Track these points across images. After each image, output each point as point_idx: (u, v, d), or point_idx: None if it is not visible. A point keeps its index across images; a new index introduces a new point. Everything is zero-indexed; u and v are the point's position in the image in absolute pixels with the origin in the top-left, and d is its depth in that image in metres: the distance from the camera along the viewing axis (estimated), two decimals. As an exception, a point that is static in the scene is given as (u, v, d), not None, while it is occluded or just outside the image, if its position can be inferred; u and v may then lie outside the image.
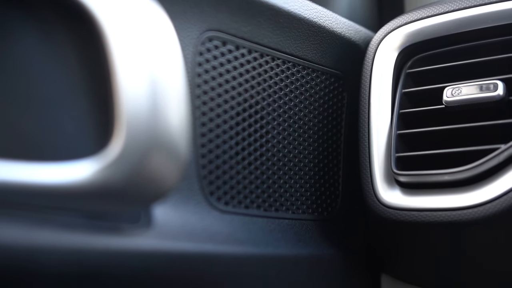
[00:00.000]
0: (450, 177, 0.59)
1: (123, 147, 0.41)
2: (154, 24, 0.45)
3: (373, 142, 0.65)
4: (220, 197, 0.57)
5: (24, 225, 0.40)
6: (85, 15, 0.42)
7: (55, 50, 0.44)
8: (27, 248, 0.40)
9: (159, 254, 0.48)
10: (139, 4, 0.46)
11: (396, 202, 0.62)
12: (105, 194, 0.41)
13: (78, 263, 0.42)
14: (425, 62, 0.67)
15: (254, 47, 0.61)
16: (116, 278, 0.45)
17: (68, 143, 0.43)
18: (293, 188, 0.65)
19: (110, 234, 0.45)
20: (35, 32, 0.43)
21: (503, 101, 0.59)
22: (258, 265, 0.57)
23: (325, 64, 0.69)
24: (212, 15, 0.56)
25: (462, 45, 0.65)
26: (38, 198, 0.40)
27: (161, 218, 0.50)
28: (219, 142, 0.57)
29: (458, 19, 0.65)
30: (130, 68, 0.42)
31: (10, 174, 0.38)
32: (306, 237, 0.64)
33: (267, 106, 0.62)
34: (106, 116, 0.42)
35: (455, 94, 0.61)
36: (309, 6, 0.66)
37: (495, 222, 0.56)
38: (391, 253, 0.70)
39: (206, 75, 0.56)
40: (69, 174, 0.40)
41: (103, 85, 0.42)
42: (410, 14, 0.70)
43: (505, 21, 0.62)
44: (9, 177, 0.38)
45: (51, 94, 0.43)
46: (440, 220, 0.59)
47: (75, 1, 0.41)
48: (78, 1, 0.41)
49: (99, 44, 0.42)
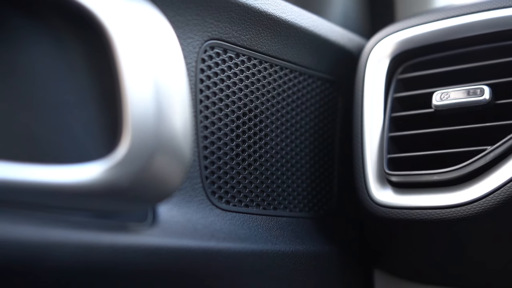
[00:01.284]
0: (439, 177, 0.59)
1: (130, 150, 0.41)
2: (159, 33, 0.46)
3: (366, 144, 0.65)
4: (222, 196, 0.57)
5: (38, 224, 0.40)
6: (94, 24, 0.42)
7: (66, 58, 0.44)
8: (41, 244, 0.40)
9: (164, 250, 0.48)
10: (144, 14, 0.46)
11: (388, 201, 0.62)
12: (112, 193, 0.41)
13: (88, 259, 0.42)
14: (415, 68, 0.67)
15: (254, 54, 0.61)
16: (123, 272, 0.45)
17: (77, 146, 0.43)
18: (291, 187, 0.65)
19: (118, 231, 0.45)
20: (47, 41, 0.43)
21: (490, 105, 0.59)
22: (257, 261, 0.57)
23: (320, 70, 0.69)
24: (214, 25, 0.56)
25: (450, 52, 0.65)
26: (50, 198, 0.40)
27: (166, 216, 0.50)
28: (221, 144, 0.57)
29: (446, 27, 0.65)
30: (136, 74, 0.42)
31: (24, 176, 0.38)
32: (303, 234, 0.64)
33: (265, 110, 0.62)
34: (114, 120, 0.42)
35: (443, 99, 0.61)
36: (305, 15, 0.66)
37: (481, 219, 0.56)
38: (383, 248, 0.70)
39: (208, 81, 0.57)
40: (79, 175, 0.40)
41: (110, 91, 0.42)
42: (401, 23, 0.70)
43: (490, 29, 0.62)
44: (23, 179, 0.38)
45: (62, 99, 0.43)
46: (430, 217, 0.59)
47: (85, 11, 0.42)
48: (88, 12, 0.42)
49: (108, 52, 0.42)
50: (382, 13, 0.93)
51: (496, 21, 0.62)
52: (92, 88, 0.44)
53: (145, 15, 0.46)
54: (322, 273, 0.67)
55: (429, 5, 0.90)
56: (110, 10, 0.42)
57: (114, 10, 0.43)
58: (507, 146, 0.56)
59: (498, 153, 0.56)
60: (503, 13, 0.62)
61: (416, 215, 0.60)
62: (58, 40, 0.44)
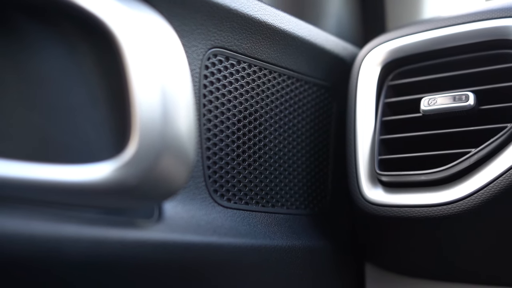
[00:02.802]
0: (427, 177, 0.59)
1: (138, 150, 0.41)
2: (165, 41, 0.46)
3: (359, 146, 0.65)
4: (223, 194, 0.57)
5: (52, 220, 0.40)
6: (105, 33, 0.42)
7: (78, 63, 0.44)
8: (55, 239, 0.40)
9: (169, 245, 0.48)
10: (152, 23, 0.46)
11: (379, 199, 0.62)
12: (121, 191, 0.41)
13: (98, 252, 0.42)
14: (405, 75, 0.67)
15: (254, 62, 0.61)
16: (131, 265, 0.45)
17: (88, 146, 0.43)
18: (288, 186, 0.65)
19: (126, 227, 0.45)
20: (60, 47, 0.43)
21: (474, 110, 0.59)
22: (256, 255, 0.57)
23: (316, 76, 0.69)
24: (217, 34, 0.56)
25: (437, 61, 0.65)
26: (63, 196, 0.40)
27: (171, 213, 0.50)
28: (222, 145, 0.57)
29: (433, 37, 0.65)
30: (144, 80, 0.42)
31: (39, 175, 0.38)
32: (299, 230, 0.64)
33: (265, 114, 0.62)
34: (123, 122, 0.42)
35: (431, 104, 0.61)
36: (302, 25, 0.66)
37: (465, 217, 0.56)
38: (374, 244, 0.70)
39: (211, 86, 0.57)
40: (90, 174, 0.40)
41: (119, 95, 0.42)
42: (391, 33, 0.70)
43: (475, 39, 0.62)
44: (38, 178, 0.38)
45: (74, 103, 0.43)
46: (418, 215, 0.59)
47: (97, 20, 0.42)
48: (99, 21, 0.42)
49: (117, 59, 0.42)
50: (373, 23, 0.93)
51: (479, 32, 0.62)
52: (102, 92, 0.44)
53: (152, 24, 0.46)
54: (317, 266, 0.67)
55: (417, 17, 0.90)
56: (120, 20, 0.42)
57: (124, 19, 0.43)
58: (490, 148, 0.56)
59: (481, 155, 0.56)
60: (485, 25, 0.62)
61: (405, 213, 0.60)
62: (70, 47, 0.44)
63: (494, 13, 0.61)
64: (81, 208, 0.43)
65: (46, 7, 0.42)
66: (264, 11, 0.60)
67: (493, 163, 0.56)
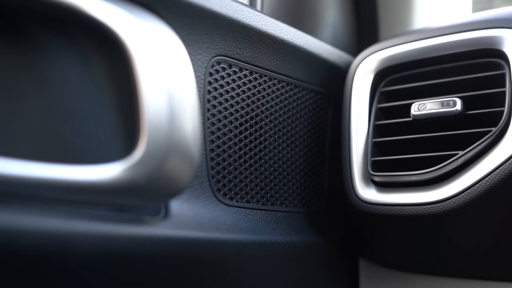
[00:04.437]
0: (417, 177, 0.59)
1: (146, 152, 0.41)
2: (172, 50, 0.46)
3: (353, 148, 0.65)
4: (226, 193, 0.57)
5: (65, 216, 0.40)
6: (116, 42, 0.42)
7: (91, 71, 0.44)
8: (68, 234, 0.40)
9: (175, 241, 0.48)
10: (160, 33, 0.46)
11: (371, 198, 0.62)
12: (130, 190, 0.41)
13: (108, 247, 0.42)
14: (396, 82, 0.67)
15: (255, 69, 0.61)
16: (139, 259, 0.45)
17: (100, 148, 0.43)
18: (286, 186, 0.65)
19: (135, 224, 0.45)
20: (76, 57, 0.43)
21: (461, 115, 0.59)
22: (257, 250, 0.57)
23: (313, 83, 0.69)
24: (220, 43, 0.56)
25: (427, 68, 0.65)
26: (76, 194, 0.40)
27: (177, 210, 0.50)
28: (225, 147, 0.57)
29: (423, 47, 0.65)
30: (152, 86, 0.42)
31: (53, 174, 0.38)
32: (297, 226, 0.64)
33: (265, 118, 0.62)
34: (132, 126, 0.42)
35: (421, 109, 0.61)
36: (300, 35, 0.66)
37: (453, 215, 0.56)
38: (367, 240, 0.70)
39: (215, 92, 0.57)
40: (100, 174, 0.40)
41: (129, 100, 0.42)
42: (383, 42, 0.70)
43: (462, 48, 0.62)
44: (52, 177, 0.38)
45: (87, 107, 0.43)
46: (408, 213, 0.59)
47: (109, 31, 0.42)
48: (111, 31, 0.42)
49: (128, 67, 0.42)
50: (367, 33, 0.93)
51: (465, 41, 0.62)
52: (113, 98, 0.44)
53: (160, 34, 0.46)
54: (313, 261, 0.67)
55: (408, 27, 0.91)
56: (131, 30, 0.42)
57: (134, 30, 0.43)
58: (476, 151, 0.56)
59: (468, 157, 0.56)
60: (471, 35, 0.62)
61: (396, 211, 0.60)
62: (84, 56, 0.44)
63: (480, 24, 0.61)
64: (93, 206, 0.43)
65: (63, 19, 0.42)
66: (265, 22, 0.61)
67: (479, 164, 0.56)
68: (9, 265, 0.37)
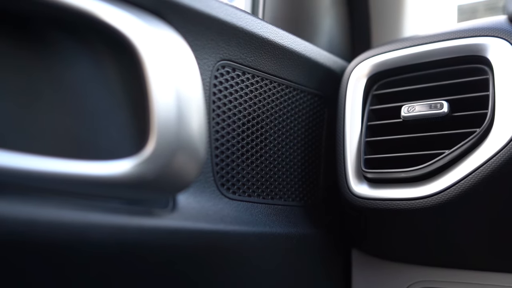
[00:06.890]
0: (406, 174, 0.59)
1: (155, 148, 0.40)
2: (180, 54, 0.45)
3: (347, 147, 0.65)
4: (229, 187, 0.57)
5: (79, 209, 0.40)
6: (129, 47, 0.41)
7: (105, 74, 0.43)
8: (81, 225, 0.39)
9: (182, 232, 0.48)
10: (169, 39, 0.46)
11: (364, 193, 0.62)
12: (141, 184, 0.41)
13: (120, 238, 0.42)
14: (387, 86, 0.67)
15: (257, 73, 0.60)
16: (149, 250, 0.45)
17: (112, 145, 0.43)
18: (285, 181, 0.64)
19: (144, 216, 0.45)
20: (90, 60, 0.43)
21: (448, 117, 0.59)
22: (257, 241, 0.57)
23: (310, 86, 0.68)
24: (225, 48, 0.56)
25: (416, 73, 0.65)
26: (89, 188, 0.39)
27: (184, 203, 0.49)
28: (229, 145, 0.57)
29: (413, 53, 0.65)
30: (161, 88, 0.42)
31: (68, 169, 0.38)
32: (294, 219, 0.64)
33: (266, 118, 0.62)
34: (142, 124, 0.41)
35: (410, 111, 0.61)
36: (299, 42, 0.66)
37: (439, 209, 0.56)
38: (360, 232, 0.70)
39: (220, 94, 0.56)
40: (113, 169, 0.40)
41: (140, 101, 0.42)
42: (376, 49, 0.70)
43: (449, 55, 0.62)
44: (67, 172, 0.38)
45: (100, 107, 0.43)
46: (398, 207, 0.58)
47: (121, 36, 0.41)
48: (123, 36, 0.41)
49: (139, 70, 0.41)
50: (360, 41, 0.92)
51: (452, 49, 0.62)
52: (125, 98, 0.43)
53: (169, 39, 0.45)
54: (309, 251, 0.67)
55: (399, 35, 0.90)
56: (142, 36, 0.42)
57: (145, 35, 0.42)
58: (462, 150, 0.56)
59: (454, 156, 0.56)
60: (457, 43, 0.61)
61: (386, 205, 0.59)
62: (98, 59, 0.43)
63: (466, 32, 0.61)
64: (106, 199, 0.42)
65: (80, 25, 0.42)
66: (266, 29, 0.60)
67: (464, 162, 0.55)
68: (30, 253, 0.37)
